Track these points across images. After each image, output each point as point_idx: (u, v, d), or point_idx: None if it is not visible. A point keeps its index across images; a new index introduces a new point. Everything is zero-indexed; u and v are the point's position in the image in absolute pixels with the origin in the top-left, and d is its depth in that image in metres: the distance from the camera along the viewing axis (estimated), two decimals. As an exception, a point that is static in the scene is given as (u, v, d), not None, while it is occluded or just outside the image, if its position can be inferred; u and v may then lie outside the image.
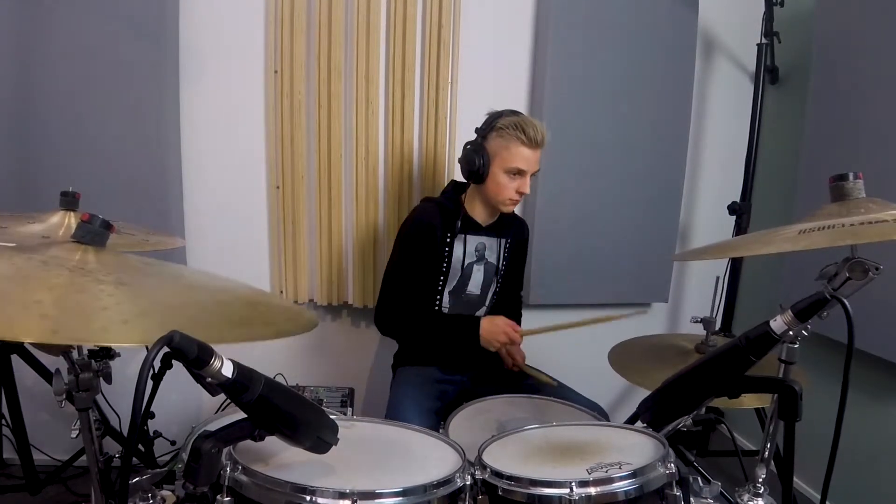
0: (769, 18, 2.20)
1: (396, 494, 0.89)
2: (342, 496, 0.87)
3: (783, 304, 0.93)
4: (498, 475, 0.98)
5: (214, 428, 0.84)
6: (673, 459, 1.00)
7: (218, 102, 2.14)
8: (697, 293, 2.63)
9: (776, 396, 0.96)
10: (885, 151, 1.80)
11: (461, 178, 1.77)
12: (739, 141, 2.34)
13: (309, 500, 0.87)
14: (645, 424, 1.09)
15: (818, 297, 0.90)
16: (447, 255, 1.75)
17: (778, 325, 0.92)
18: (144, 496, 0.95)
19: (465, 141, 1.71)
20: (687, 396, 1.02)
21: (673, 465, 0.99)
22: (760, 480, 1.03)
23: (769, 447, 1.04)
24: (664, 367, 1.34)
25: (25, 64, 1.92)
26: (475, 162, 1.65)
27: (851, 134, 1.96)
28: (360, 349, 2.41)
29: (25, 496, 1.87)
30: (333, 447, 0.92)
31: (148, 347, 0.70)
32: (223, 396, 0.81)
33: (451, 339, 1.70)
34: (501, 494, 0.96)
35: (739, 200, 2.27)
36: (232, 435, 0.85)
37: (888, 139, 1.80)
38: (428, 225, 1.71)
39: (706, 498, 1.01)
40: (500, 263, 1.84)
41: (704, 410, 1.06)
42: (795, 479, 1.96)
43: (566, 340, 2.41)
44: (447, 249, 1.74)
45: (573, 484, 0.93)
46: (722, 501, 1.08)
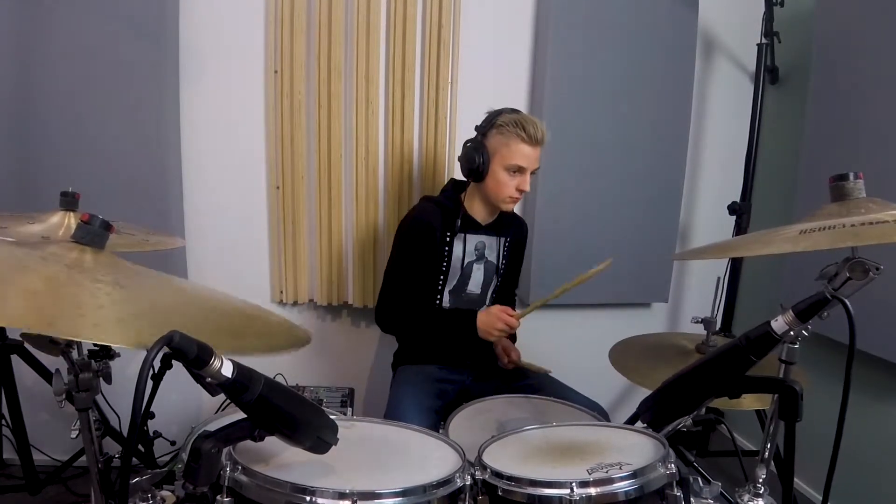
0: (769, 18, 2.20)
1: (396, 495, 0.89)
2: (342, 496, 0.87)
3: (784, 304, 0.92)
4: (498, 475, 0.98)
5: (214, 428, 0.84)
6: (673, 460, 1.00)
7: (218, 102, 2.14)
8: (697, 293, 2.63)
9: (776, 397, 0.96)
10: (885, 151, 1.80)
11: (461, 177, 1.77)
12: (739, 141, 2.34)
13: (309, 500, 0.86)
14: (645, 424, 1.09)
15: (819, 297, 0.90)
16: (447, 254, 1.74)
17: (779, 325, 0.92)
18: (144, 496, 0.95)
19: (464, 141, 1.71)
20: (687, 396, 1.02)
21: (673, 465, 0.99)
22: (760, 481, 1.03)
23: (769, 447, 1.04)
24: (664, 366, 1.34)
25: (25, 64, 1.92)
26: (475, 159, 1.65)
27: (851, 134, 1.96)
28: (360, 349, 2.41)
29: (25, 496, 1.87)
30: (333, 447, 0.92)
31: (144, 347, 0.70)
32: (223, 396, 0.81)
33: (449, 333, 1.69)
34: (501, 495, 0.96)
35: (739, 200, 2.27)
36: (232, 435, 0.85)
37: (888, 139, 1.80)
38: (427, 224, 1.71)
39: (706, 498, 1.01)
40: (499, 262, 1.84)
41: (704, 411, 1.06)
42: (795, 479, 1.96)
43: (566, 340, 2.43)
44: (447, 249, 1.74)
45: (573, 484, 0.93)
46: (722, 502, 1.08)
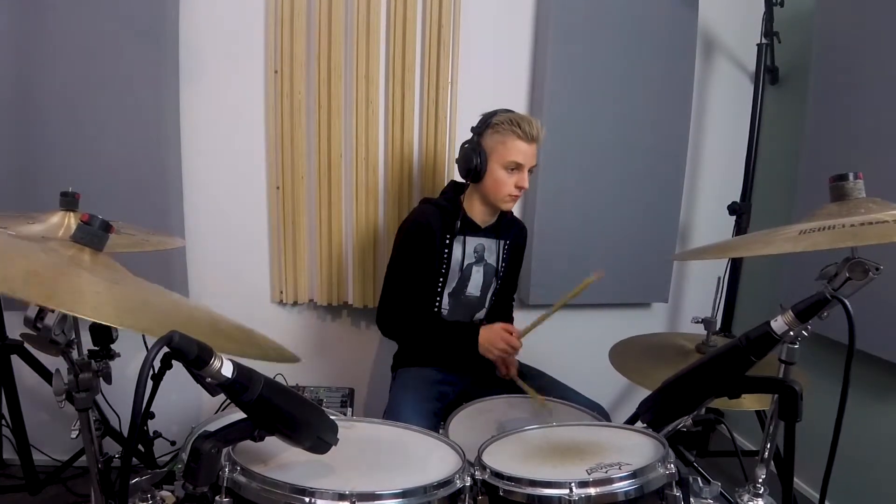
0: (769, 18, 2.20)
1: (396, 496, 0.89)
2: (341, 497, 0.87)
3: (783, 304, 0.92)
4: (498, 476, 0.98)
5: (214, 428, 0.84)
6: (673, 460, 1.00)
7: (218, 102, 2.14)
8: (697, 293, 2.63)
9: (776, 397, 0.96)
10: (885, 151, 1.80)
11: (460, 178, 1.77)
12: (739, 141, 2.34)
13: (308, 501, 0.86)
14: (645, 425, 1.09)
15: (819, 297, 0.90)
16: (446, 256, 1.74)
17: (778, 325, 0.92)
18: (144, 496, 0.95)
19: (461, 143, 1.71)
20: (687, 397, 1.02)
21: (673, 465, 0.99)
22: (760, 481, 1.03)
23: (769, 447, 1.04)
24: (664, 366, 1.34)
25: (26, 64, 1.92)
26: (472, 160, 1.65)
27: (851, 134, 1.96)
28: (360, 349, 2.41)
29: (25, 496, 1.87)
30: (333, 447, 0.92)
31: (144, 338, 0.69)
32: (223, 396, 0.81)
33: (450, 345, 1.70)
34: (501, 495, 0.96)
35: (739, 200, 2.27)
36: (232, 435, 0.85)
37: (888, 139, 1.80)
38: (426, 227, 1.71)
39: (706, 498, 1.01)
40: (499, 265, 1.84)
41: (704, 411, 1.06)
42: (795, 479, 1.96)
43: (566, 340, 2.42)
44: (446, 251, 1.74)
45: (573, 484, 0.93)
46: (722, 502, 1.08)
